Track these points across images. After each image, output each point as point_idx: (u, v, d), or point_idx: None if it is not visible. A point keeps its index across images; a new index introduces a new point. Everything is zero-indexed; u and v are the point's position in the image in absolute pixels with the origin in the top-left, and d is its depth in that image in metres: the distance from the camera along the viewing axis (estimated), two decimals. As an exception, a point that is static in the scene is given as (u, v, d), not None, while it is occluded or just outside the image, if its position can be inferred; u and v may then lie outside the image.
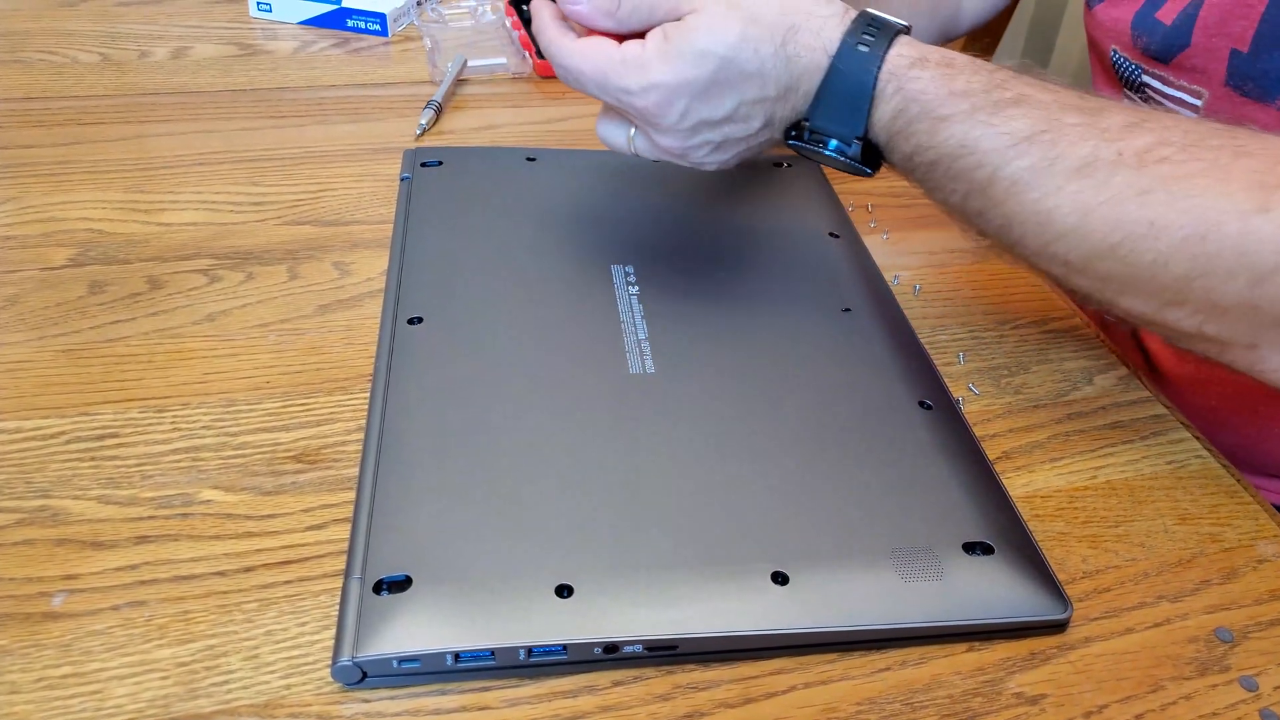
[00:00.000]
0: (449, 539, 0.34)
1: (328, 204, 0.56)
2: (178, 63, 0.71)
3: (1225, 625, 0.37)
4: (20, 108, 0.63)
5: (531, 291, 0.47)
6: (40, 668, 0.32)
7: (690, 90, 0.39)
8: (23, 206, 0.54)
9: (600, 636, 0.32)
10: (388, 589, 0.33)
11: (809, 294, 0.49)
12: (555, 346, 0.43)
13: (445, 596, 0.33)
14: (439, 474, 0.37)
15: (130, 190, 0.56)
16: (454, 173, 0.56)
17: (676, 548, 0.35)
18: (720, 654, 0.34)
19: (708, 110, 0.40)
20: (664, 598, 0.33)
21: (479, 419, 0.39)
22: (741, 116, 0.41)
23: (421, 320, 0.44)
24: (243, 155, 0.60)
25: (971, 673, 0.35)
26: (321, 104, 0.67)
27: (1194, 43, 0.51)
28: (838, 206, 0.57)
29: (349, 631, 0.32)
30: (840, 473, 0.39)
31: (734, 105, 0.40)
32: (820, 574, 0.35)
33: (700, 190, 0.57)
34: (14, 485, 0.38)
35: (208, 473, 0.39)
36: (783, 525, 0.36)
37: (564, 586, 0.33)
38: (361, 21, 0.77)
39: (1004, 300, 0.54)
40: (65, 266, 0.50)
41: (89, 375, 0.43)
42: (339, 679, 0.32)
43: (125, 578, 0.35)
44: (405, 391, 0.41)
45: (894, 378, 0.44)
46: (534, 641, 0.32)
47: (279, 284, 0.50)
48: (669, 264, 0.50)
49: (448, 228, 0.51)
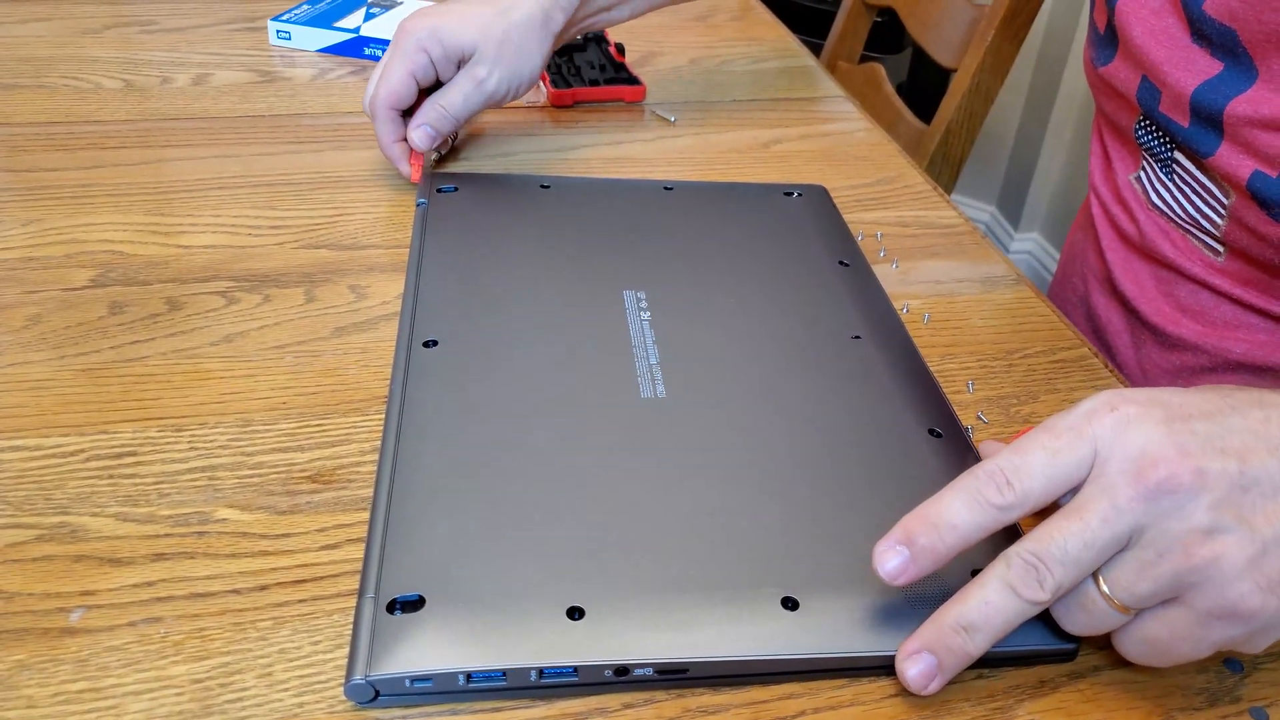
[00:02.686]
0: (462, 559, 0.35)
1: (344, 228, 0.57)
2: (198, 89, 0.72)
3: (1235, 656, 0.37)
4: (44, 132, 0.65)
5: (545, 316, 0.47)
6: (57, 683, 0.32)
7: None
8: (45, 228, 0.55)
9: (611, 659, 0.33)
10: (401, 608, 0.33)
11: (819, 321, 0.49)
12: (568, 371, 0.44)
13: (458, 617, 0.33)
14: (453, 495, 0.37)
15: (150, 213, 0.57)
16: (469, 198, 0.57)
17: (687, 571, 0.35)
18: (730, 678, 0.34)
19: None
20: (674, 621, 0.34)
21: (493, 441, 0.40)
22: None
23: (436, 343, 0.45)
24: (261, 180, 0.61)
25: (981, 700, 0.35)
26: (338, 130, 0.68)
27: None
28: (848, 236, 0.58)
29: (362, 650, 0.32)
30: (850, 499, 0.39)
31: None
32: (829, 599, 0.35)
33: (712, 218, 0.57)
34: (34, 502, 0.39)
35: (224, 492, 0.40)
36: (793, 551, 0.37)
37: (575, 609, 0.34)
38: (378, 50, 0.78)
39: (1013, 329, 0.54)
40: (86, 287, 0.51)
41: (108, 394, 0.44)
42: (352, 697, 0.32)
43: (142, 594, 0.35)
44: (420, 413, 0.41)
45: (903, 405, 0.44)
46: (545, 663, 0.32)
47: (296, 306, 0.51)
48: (680, 290, 0.50)
49: (463, 252, 0.52)
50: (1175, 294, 0.62)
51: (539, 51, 0.61)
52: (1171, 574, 0.31)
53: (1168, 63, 0.55)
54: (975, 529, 0.32)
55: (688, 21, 0.92)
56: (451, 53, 0.59)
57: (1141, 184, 0.62)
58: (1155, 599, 0.32)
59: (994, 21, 0.93)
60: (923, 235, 0.62)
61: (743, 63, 0.84)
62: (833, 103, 0.79)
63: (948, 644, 0.33)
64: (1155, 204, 0.61)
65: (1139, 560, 0.31)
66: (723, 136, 0.71)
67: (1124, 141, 0.64)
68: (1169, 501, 0.31)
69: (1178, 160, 0.56)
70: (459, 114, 0.60)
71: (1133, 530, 0.31)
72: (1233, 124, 0.52)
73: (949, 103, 0.97)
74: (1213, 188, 0.56)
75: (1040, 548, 0.31)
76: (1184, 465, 0.31)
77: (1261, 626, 0.31)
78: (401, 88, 0.58)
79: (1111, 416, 0.32)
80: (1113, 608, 0.32)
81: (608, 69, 0.77)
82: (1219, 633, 0.31)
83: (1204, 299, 0.61)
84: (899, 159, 0.71)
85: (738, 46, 0.87)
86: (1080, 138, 1.75)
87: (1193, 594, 0.31)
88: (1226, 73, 0.52)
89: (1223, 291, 0.59)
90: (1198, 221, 0.59)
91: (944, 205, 0.66)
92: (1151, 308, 0.63)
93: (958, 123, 0.97)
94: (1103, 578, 0.32)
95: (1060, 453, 0.32)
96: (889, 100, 1.03)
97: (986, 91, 0.96)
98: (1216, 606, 0.31)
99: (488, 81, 0.59)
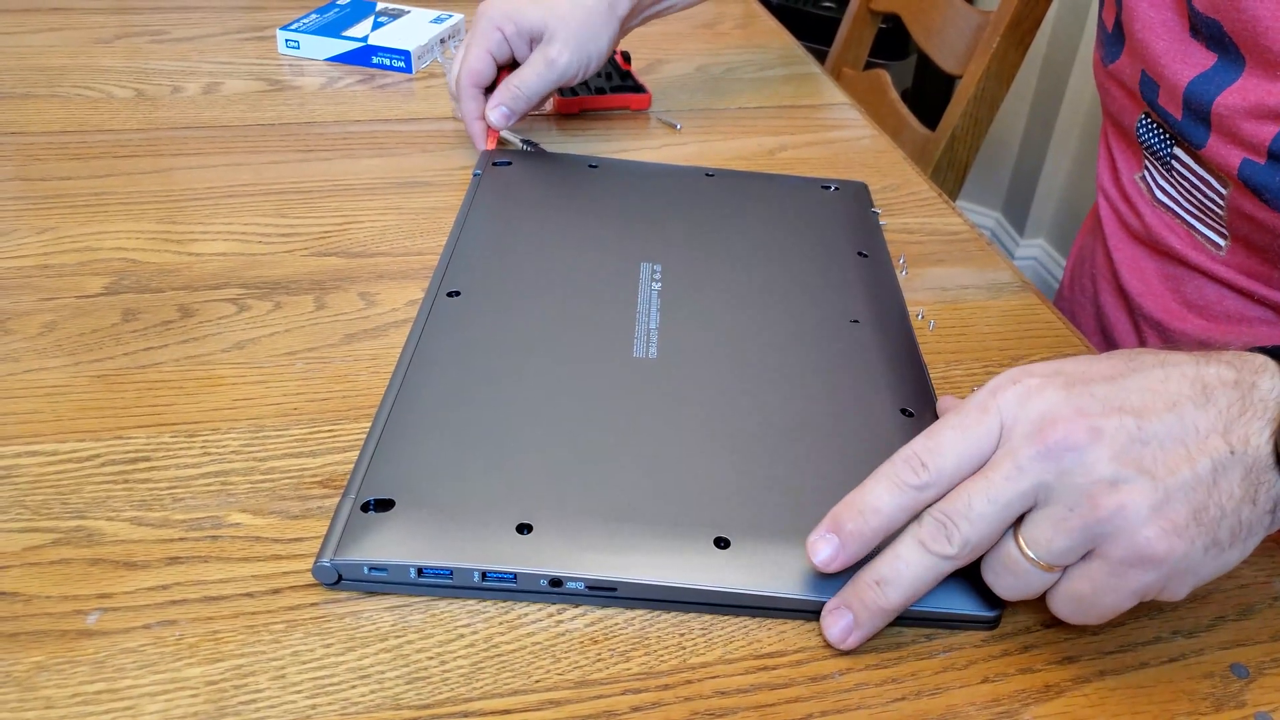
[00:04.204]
0: (435, 473, 0.39)
1: (354, 236, 0.58)
2: (209, 98, 0.73)
3: (1241, 661, 0.37)
4: (57, 141, 0.65)
5: (563, 278, 0.51)
6: (75, 684, 0.33)
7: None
8: (59, 236, 0.56)
9: (547, 570, 0.36)
10: (376, 508, 0.37)
11: (821, 304, 0.51)
12: (570, 326, 0.48)
13: (420, 520, 0.37)
14: (441, 419, 0.42)
15: (162, 221, 0.58)
16: (520, 172, 0.62)
17: (632, 504, 0.39)
18: (655, 602, 0.37)
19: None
20: (611, 545, 0.37)
21: (487, 378, 0.44)
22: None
23: (459, 294, 0.49)
24: (271, 188, 0.62)
25: (987, 704, 0.35)
26: (348, 138, 0.68)
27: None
28: (875, 230, 0.59)
29: (334, 539, 0.36)
30: (800, 460, 0.41)
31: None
32: (759, 544, 0.38)
33: (743, 204, 0.60)
34: (51, 506, 0.39)
35: (237, 496, 0.40)
36: (735, 498, 0.39)
37: (525, 525, 0.37)
38: (387, 59, 0.79)
39: (1018, 336, 0.54)
40: (100, 295, 0.51)
41: (122, 400, 0.44)
42: (318, 578, 0.36)
43: (157, 597, 0.36)
44: (431, 349, 0.45)
45: (883, 385, 0.46)
46: (488, 567, 0.36)
47: (306, 313, 0.51)
48: (695, 266, 0.53)
49: (503, 218, 0.57)
50: (1181, 289, 0.63)
51: (607, 34, 0.65)
52: (1082, 526, 0.32)
53: (1165, 55, 0.56)
54: (898, 510, 0.35)
55: (693, 29, 0.92)
56: (524, 31, 0.63)
57: (1146, 183, 0.63)
58: (1073, 554, 0.33)
59: (999, 28, 0.93)
60: (928, 242, 0.62)
61: (748, 70, 0.85)
62: (837, 109, 0.79)
63: (863, 599, 0.35)
64: (1160, 200, 0.62)
65: (1051, 517, 0.33)
66: (728, 144, 0.72)
67: (1128, 142, 0.65)
68: (1070, 458, 0.33)
69: (1177, 156, 0.57)
70: (532, 93, 0.63)
71: (1038, 488, 0.33)
72: (1220, 116, 0.53)
73: (954, 109, 0.97)
74: (1211, 180, 0.57)
75: (949, 506, 0.34)
76: (1080, 423, 0.33)
77: (1175, 570, 0.33)
78: (481, 65, 0.63)
79: (1014, 389, 0.35)
80: (1036, 567, 0.34)
81: (614, 77, 0.77)
82: (1136, 579, 0.33)
83: (1209, 293, 0.61)
84: (904, 166, 0.71)
85: (743, 54, 0.88)
86: (1085, 144, 1.76)
87: (1106, 544, 0.33)
88: (1219, 64, 0.53)
89: (1227, 282, 0.60)
90: (1200, 215, 0.60)
91: (949, 212, 0.66)
92: (1156, 304, 0.64)
93: (963, 129, 0.97)
94: (1021, 537, 0.34)
95: (969, 429, 0.34)
96: (894, 107, 1.04)
97: (991, 98, 0.96)
98: (1129, 554, 0.32)
99: (559, 60, 0.63)
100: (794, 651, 0.36)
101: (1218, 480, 0.33)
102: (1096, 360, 0.36)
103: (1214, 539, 0.33)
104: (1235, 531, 0.33)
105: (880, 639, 0.37)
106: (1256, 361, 0.35)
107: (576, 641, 0.36)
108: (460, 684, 0.34)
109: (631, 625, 0.37)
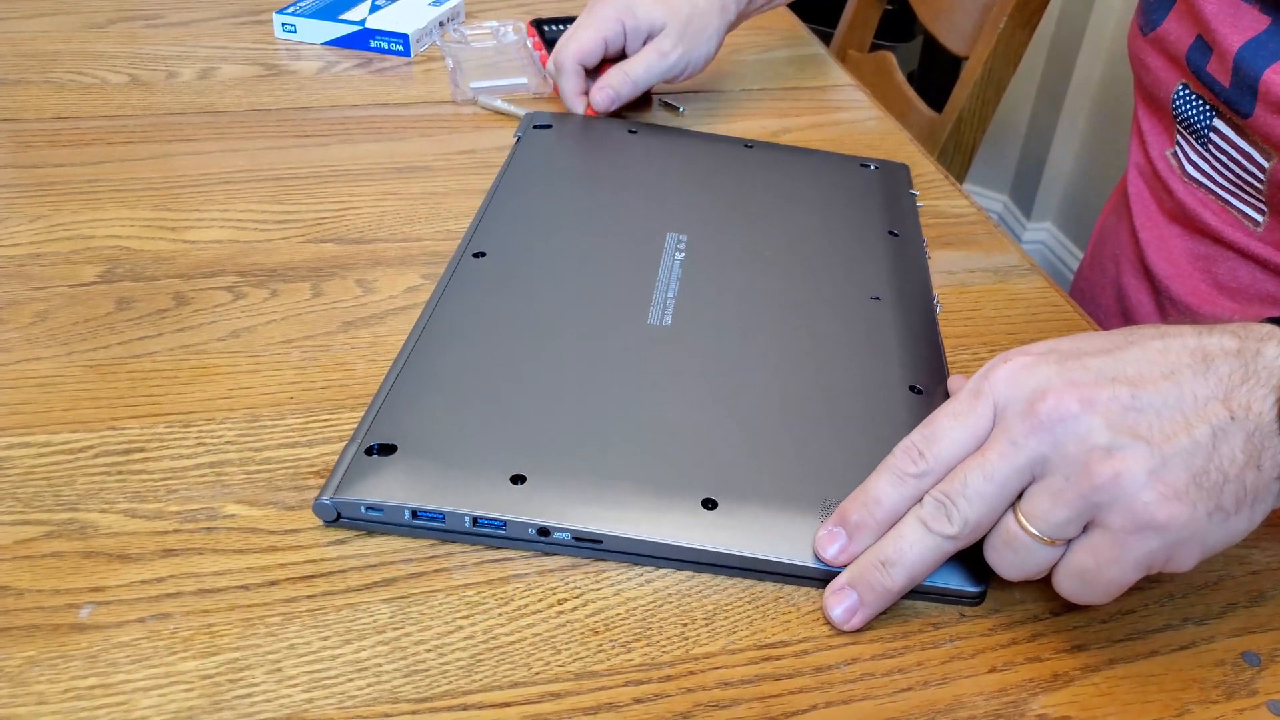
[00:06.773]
0: (439, 423, 0.40)
1: (351, 222, 0.57)
2: (204, 83, 0.72)
3: (1252, 649, 0.37)
4: (50, 127, 0.65)
5: (587, 243, 0.52)
6: (68, 678, 0.32)
7: None
8: (53, 224, 0.55)
9: (536, 520, 0.37)
10: (379, 452, 0.39)
11: (845, 280, 0.51)
12: (589, 290, 0.48)
13: (419, 466, 0.38)
14: (451, 373, 0.43)
15: (157, 208, 0.57)
16: (560, 135, 0.63)
17: (625, 462, 0.39)
18: (640, 556, 0.37)
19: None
20: (600, 499, 0.38)
21: (499, 337, 0.45)
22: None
23: (484, 255, 0.50)
24: (267, 174, 0.61)
25: (994, 694, 0.34)
26: (345, 123, 0.67)
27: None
28: (910, 211, 0.59)
29: (336, 479, 0.38)
30: (800, 429, 0.42)
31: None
32: (747, 507, 0.38)
33: (777, 179, 0.60)
34: (43, 498, 0.39)
35: (232, 487, 0.40)
36: (728, 462, 0.40)
37: (519, 476, 0.38)
38: (384, 42, 0.78)
39: (1026, 320, 0.54)
40: (94, 283, 0.51)
41: (116, 390, 0.44)
42: (318, 514, 0.38)
43: (151, 590, 0.35)
44: (451, 308, 0.47)
45: (897, 362, 0.46)
46: (479, 513, 0.37)
47: (303, 301, 0.50)
48: (720, 238, 0.54)
49: (537, 181, 0.57)
50: (1213, 270, 0.62)
51: (715, 37, 0.67)
52: (1079, 495, 0.32)
53: (1216, 18, 0.55)
54: (900, 499, 0.35)
55: (695, 11, 0.91)
56: (642, 26, 0.65)
57: (1177, 159, 0.62)
58: (1073, 526, 0.33)
59: (1006, 8, 0.92)
60: (935, 225, 0.61)
61: (752, 51, 0.84)
62: (843, 91, 0.78)
63: (868, 579, 0.35)
64: (1192, 176, 0.61)
65: (1048, 489, 0.33)
66: (731, 126, 0.71)
67: (1160, 116, 0.64)
68: (1062, 429, 0.32)
69: (1216, 129, 0.56)
70: (640, 83, 0.66)
71: (1034, 462, 0.33)
72: (1269, 87, 0.52)
73: (960, 91, 0.96)
74: (1253, 152, 0.55)
75: (949, 486, 0.34)
76: (1071, 394, 0.33)
77: (1178, 538, 0.32)
78: (592, 45, 0.65)
79: (1005, 368, 0.35)
80: (1038, 541, 0.33)
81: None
82: (1139, 548, 0.32)
83: (1242, 275, 0.60)
84: (910, 148, 0.70)
85: (747, 35, 0.86)
86: (1093, 126, 1.74)
87: (1105, 514, 0.32)
88: (1272, 28, 0.52)
89: (1263, 260, 0.59)
90: (1238, 190, 0.58)
91: (956, 194, 0.65)
92: (1185, 287, 0.63)
93: (969, 111, 0.96)
94: (1020, 511, 0.33)
95: (962, 415, 0.35)
96: (900, 89, 1.03)
97: (999, 80, 0.95)
98: (1129, 521, 0.32)
99: (670, 56, 0.65)
100: (798, 641, 0.36)
101: (1218, 445, 0.32)
102: (1094, 336, 0.35)
103: (1218, 504, 0.32)
104: (1240, 498, 0.33)
105: (886, 628, 0.36)
106: (1262, 330, 0.34)
107: (577, 632, 0.35)
108: (459, 676, 0.33)
109: (633, 616, 0.36)
